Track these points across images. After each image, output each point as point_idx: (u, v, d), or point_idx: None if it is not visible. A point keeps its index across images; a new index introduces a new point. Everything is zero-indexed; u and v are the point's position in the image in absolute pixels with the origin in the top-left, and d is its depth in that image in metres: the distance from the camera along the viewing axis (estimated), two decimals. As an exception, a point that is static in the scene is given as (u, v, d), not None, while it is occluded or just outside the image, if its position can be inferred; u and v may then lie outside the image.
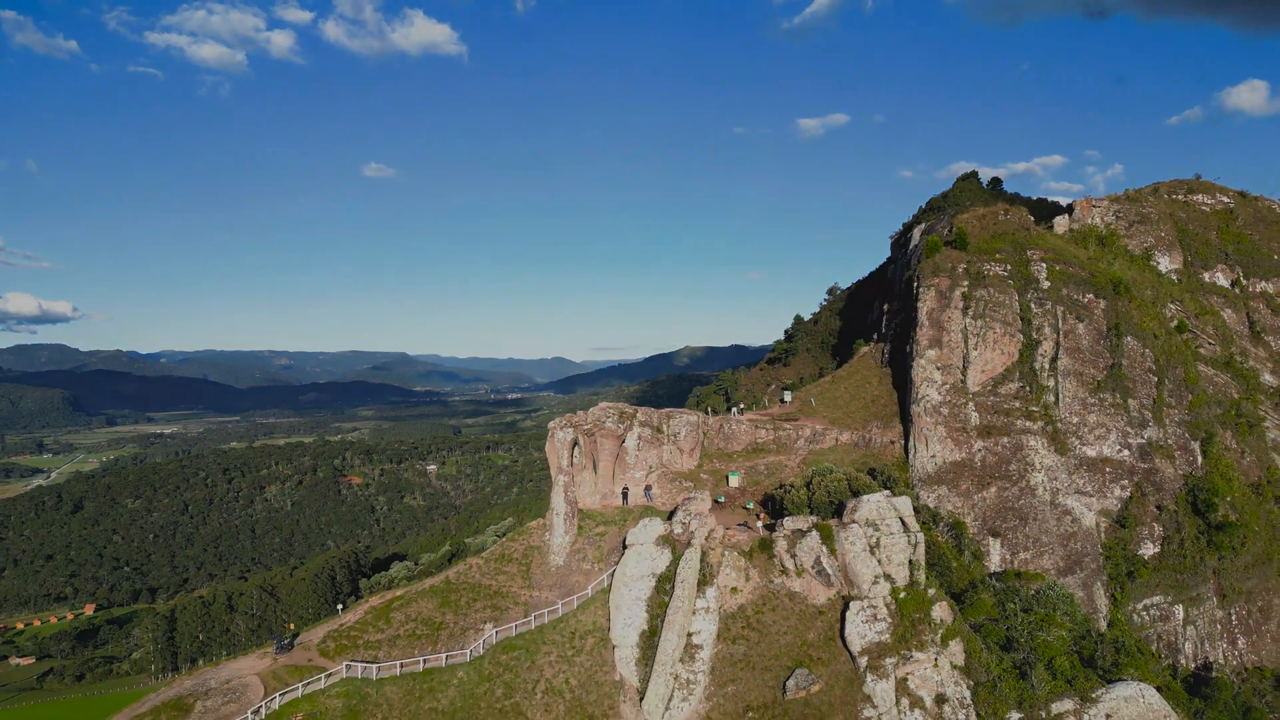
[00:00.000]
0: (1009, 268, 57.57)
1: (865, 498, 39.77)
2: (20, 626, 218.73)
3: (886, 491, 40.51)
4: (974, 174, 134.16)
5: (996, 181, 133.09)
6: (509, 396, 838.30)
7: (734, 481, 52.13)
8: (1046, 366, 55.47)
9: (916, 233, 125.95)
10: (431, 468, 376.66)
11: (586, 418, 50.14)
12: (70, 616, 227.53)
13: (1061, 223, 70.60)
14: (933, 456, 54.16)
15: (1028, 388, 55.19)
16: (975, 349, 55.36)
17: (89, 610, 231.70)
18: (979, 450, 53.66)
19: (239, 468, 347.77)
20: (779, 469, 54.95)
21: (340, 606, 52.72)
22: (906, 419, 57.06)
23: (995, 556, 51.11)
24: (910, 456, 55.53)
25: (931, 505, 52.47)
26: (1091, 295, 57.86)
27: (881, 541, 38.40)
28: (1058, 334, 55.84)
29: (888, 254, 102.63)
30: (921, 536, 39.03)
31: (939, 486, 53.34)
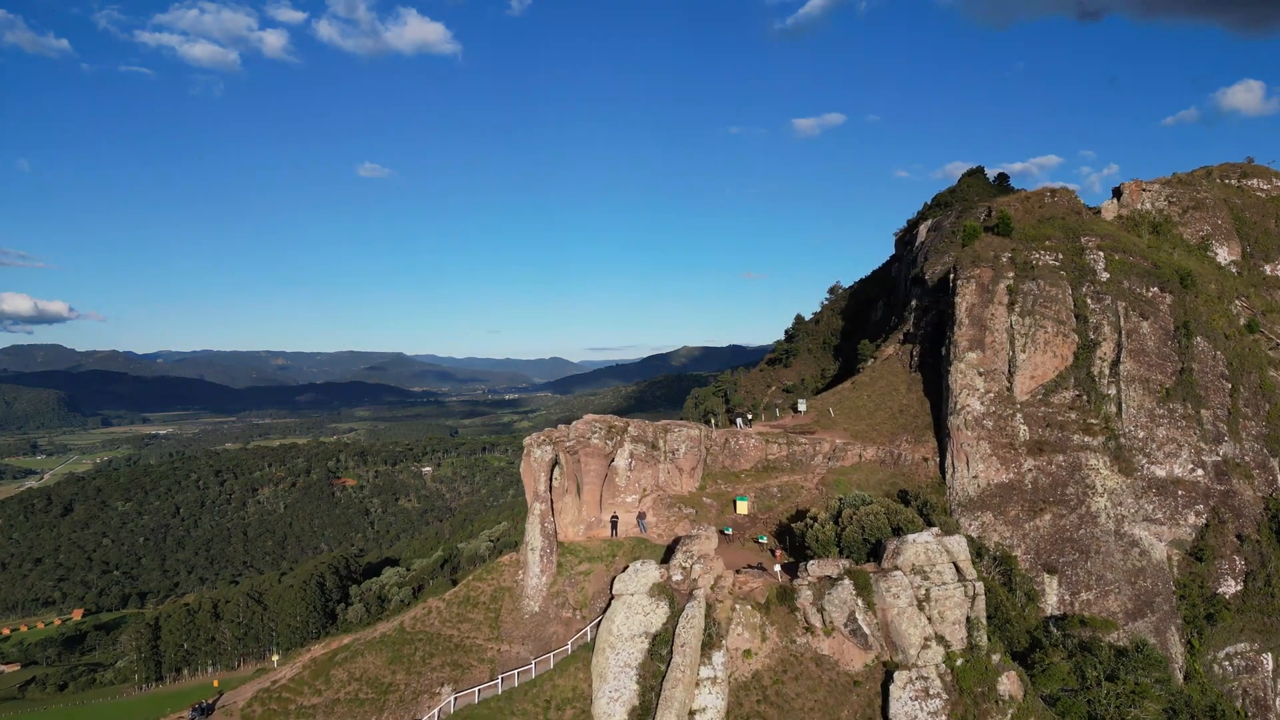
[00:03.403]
0: (1060, 257, 49.71)
1: (910, 538, 31.98)
2: (6, 632, 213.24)
3: (935, 529, 32.78)
4: (980, 169, 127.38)
5: (1003, 177, 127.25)
6: (506, 397, 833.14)
7: (742, 508, 44.36)
8: (1106, 371, 47.61)
9: (923, 229, 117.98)
10: (427, 469, 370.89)
11: (569, 433, 42.40)
12: (58, 622, 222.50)
13: (1110, 208, 62.68)
14: (974, 477, 46.31)
15: (1085, 396, 47.34)
16: (1023, 351, 47.49)
17: (77, 615, 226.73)
18: (1030, 470, 45.82)
19: (231, 470, 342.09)
20: (794, 491, 47.15)
21: (275, 656, 45.18)
22: (942, 432, 49.20)
23: (1052, 597, 43.34)
24: (947, 477, 47.68)
25: (974, 535, 44.66)
26: (1156, 289, 50.00)
27: (932, 593, 30.66)
28: (1119, 333, 47.97)
29: (886, 254, 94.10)
30: (981, 587, 31.29)
31: (983, 513, 45.52)
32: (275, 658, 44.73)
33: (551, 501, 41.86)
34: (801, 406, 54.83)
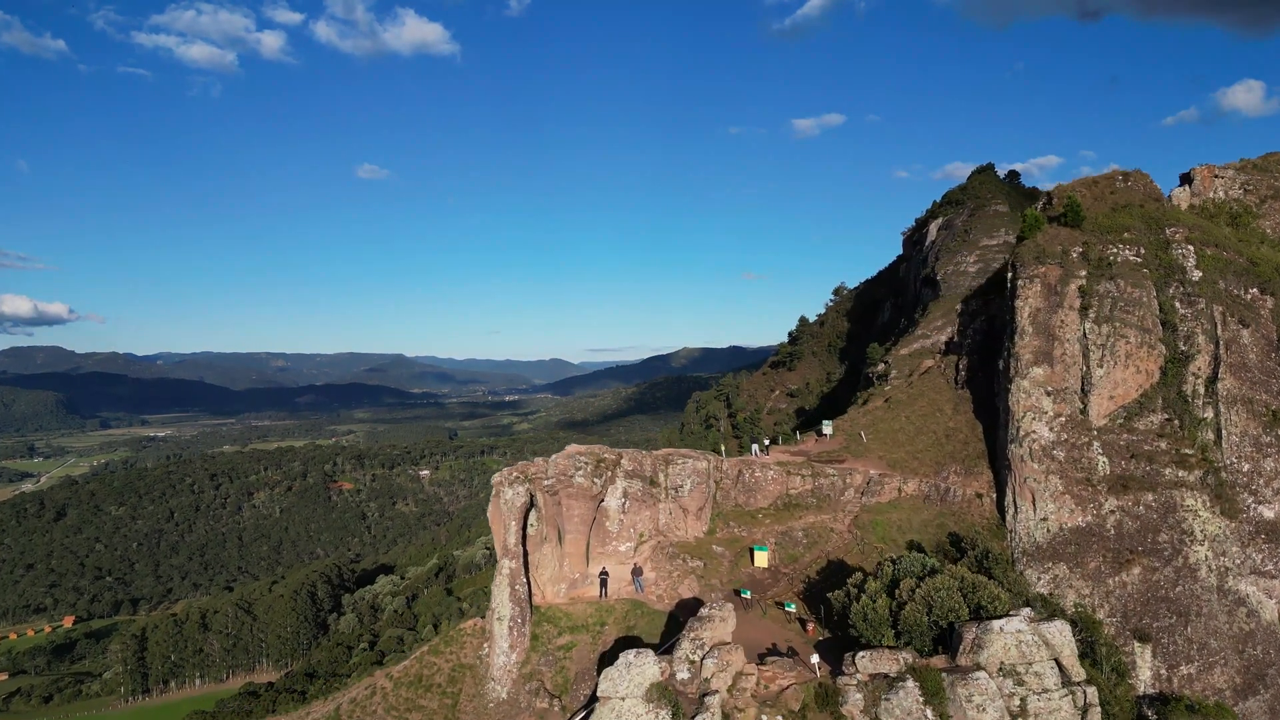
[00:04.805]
0: (1142, 252, 41.40)
1: (996, 625, 23.87)
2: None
3: (1028, 611, 24.68)
4: (989, 167, 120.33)
5: (1014, 175, 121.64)
6: (506, 399, 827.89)
7: (761, 559, 36.31)
8: (1201, 390, 39.31)
9: (933, 228, 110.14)
10: (424, 473, 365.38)
11: (547, 469, 34.45)
12: (48, 629, 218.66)
13: (1181, 195, 54.25)
14: (1043, 520, 38.11)
15: (1176, 421, 39.06)
16: (1100, 366, 39.24)
17: (68, 623, 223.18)
18: (1112, 512, 37.58)
19: (227, 473, 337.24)
20: (822, 535, 39.10)
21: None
22: (1000, 463, 41.02)
23: (1145, 671, 35.12)
24: (1008, 517, 39.50)
25: (1046, 592, 36.51)
26: (1255, 290, 41.66)
27: (1029, 705, 22.59)
28: (1216, 344, 39.68)
29: (886, 254, 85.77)
30: (1095, 695, 23.19)
31: (1055, 564, 37.30)
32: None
33: (526, 554, 33.93)
34: (827, 429, 46.67)
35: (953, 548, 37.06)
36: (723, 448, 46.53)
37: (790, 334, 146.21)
